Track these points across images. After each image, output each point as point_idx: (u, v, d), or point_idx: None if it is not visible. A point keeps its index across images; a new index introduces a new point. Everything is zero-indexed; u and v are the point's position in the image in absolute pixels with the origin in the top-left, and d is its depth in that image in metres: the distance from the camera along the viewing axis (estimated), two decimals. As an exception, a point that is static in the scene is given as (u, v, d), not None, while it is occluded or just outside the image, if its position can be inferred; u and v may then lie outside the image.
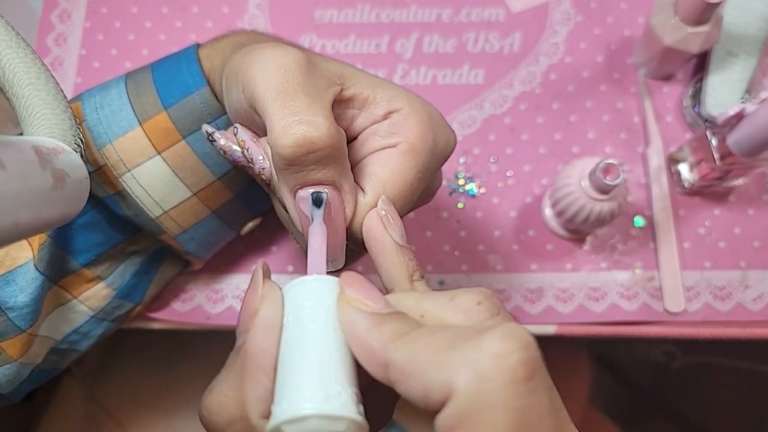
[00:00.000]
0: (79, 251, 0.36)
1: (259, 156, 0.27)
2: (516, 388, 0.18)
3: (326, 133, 0.24)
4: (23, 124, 0.26)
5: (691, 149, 0.46)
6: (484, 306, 0.22)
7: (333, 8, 0.54)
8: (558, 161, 0.49)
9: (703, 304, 0.46)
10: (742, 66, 0.48)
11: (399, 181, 0.27)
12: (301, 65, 0.25)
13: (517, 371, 0.18)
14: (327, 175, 0.25)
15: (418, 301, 0.23)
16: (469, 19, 0.53)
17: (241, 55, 0.28)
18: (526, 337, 0.19)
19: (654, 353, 0.84)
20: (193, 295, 0.46)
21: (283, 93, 0.24)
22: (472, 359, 0.18)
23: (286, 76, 0.25)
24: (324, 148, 0.24)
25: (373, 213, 0.26)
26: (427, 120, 0.28)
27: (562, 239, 0.47)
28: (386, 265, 0.26)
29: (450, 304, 0.22)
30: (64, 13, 0.54)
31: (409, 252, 0.26)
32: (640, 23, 0.52)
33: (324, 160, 0.24)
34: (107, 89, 0.34)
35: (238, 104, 0.27)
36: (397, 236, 0.26)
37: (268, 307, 0.23)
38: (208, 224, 0.37)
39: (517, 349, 0.18)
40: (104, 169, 0.33)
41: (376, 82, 0.28)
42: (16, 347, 0.34)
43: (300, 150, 0.24)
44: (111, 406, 0.54)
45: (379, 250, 0.26)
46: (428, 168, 0.28)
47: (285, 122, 0.24)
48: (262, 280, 0.24)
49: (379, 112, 0.28)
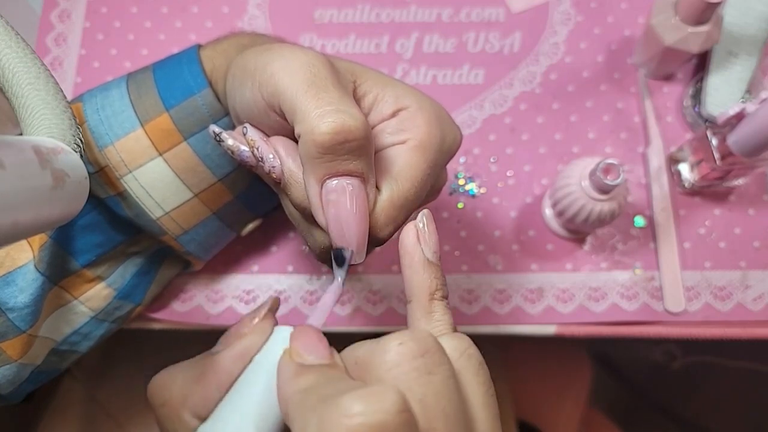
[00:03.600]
0: (79, 252, 0.36)
1: (269, 155, 0.27)
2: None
3: (362, 124, 0.24)
4: (23, 124, 0.26)
5: (692, 149, 0.46)
6: (406, 347, 0.21)
7: (333, 8, 0.54)
8: (558, 161, 0.49)
9: (704, 304, 0.45)
10: (743, 66, 0.48)
11: (410, 177, 0.27)
12: (324, 62, 0.26)
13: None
14: (358, 166, 0.25)
15: (357, 346, 0.23)
16: (469, 19, 0.53)
17: (254, 54, 0.28)
18: (389, 402, 0.18)
19: (654, 353, 0.84)
20: (193, 296, 0.46)
21: (314, 86, 0.25)
22: (324, 419, 0.18)
23: (312, 71, 0.25)
24: (359, 139, 0.24)
25: (411, 224, 0.26)
26: (435, 117, 0.28)
27: (562, 239, 0.47)
28: (410, 277, 0.26)
29: (377, 345, 0.22)
30: (63, 12, 0.54)
31: (438, 270, 0.26)
32: (641, 23, 0.52)
33: (357, 150, 0.24)
34: (108, 90, 0.34)
35: (251, 102, 0.27)
36: (429, 252, 0.26)
37: (251, 339, 0.25)
38: (208, 225, 0.37)
39: (364, 414, 0.18)
40: (105, 170, 0.33)
41: (384, 80, 0.29)
42: (16, 348, 0.34)
43: (338, 137, 0.24)
44: (111, 406, 0.54)
45: (408, 262, 0.26)
46: (436, 164, 0.28)
47: (322, 111, 0.24)
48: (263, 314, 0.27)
49: (387, 109, 0.28)
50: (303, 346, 0.23)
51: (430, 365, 0.21)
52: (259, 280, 0.47)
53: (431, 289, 0.25)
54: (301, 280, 0.47)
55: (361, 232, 0.26)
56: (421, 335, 0.22)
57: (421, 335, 0.22)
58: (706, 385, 0.85)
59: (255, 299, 0.46)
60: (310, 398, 0.20)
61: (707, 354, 0.83)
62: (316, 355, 0.23)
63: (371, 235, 0.27)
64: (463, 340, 0.24)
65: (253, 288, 0.47)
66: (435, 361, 0.21)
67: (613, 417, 0.70)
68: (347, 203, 0.25)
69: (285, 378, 0.22)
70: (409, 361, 0.21)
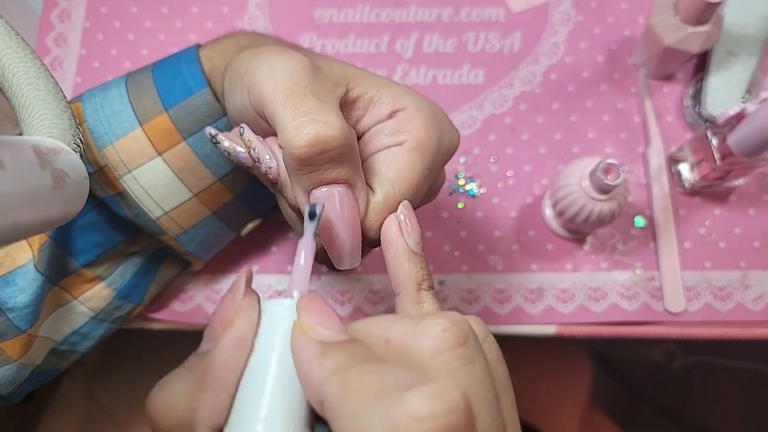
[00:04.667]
0: (79, 252, 0.36)
1: (266, 155, 0.27)
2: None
3: (339, 131, 0.24)
4: (22, 124, 0.25)
5: (692, 149, 0.46)
6: (450, 333, 0.20)
7: (333, 8, 0.54)
8: (558, 161, 0.49)
9: (704, 305, 0.45)
10: (743, 66, 0.48)
11: (406, 179, 0.27)
12: (307, 68, 0.25)
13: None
14: (341, 173, 0.25)
15: (387, 324, 0.22)
16: (469, 19, 0.53)
17: (245, 58, 0.28)
18: (455, 400, 0.18)
19: (654, 353, 0.84)
20: (193, 296, 0.46)
21: (293, 95, 0.24)
22: (390, 415, 0.17)
23: (294, 79, 0.25)
24: (338, 147, 0.24)
25: (392, 216, 0.26)
26: (432, 118, 0.28)
27: (562, 239, 0.47)
28: (396, 269, 0.26)
29: (417, 327, 0.21)
30: (63, 12, 0.54)
31: (422, 260, 0.26)
32: (641, 23, 0.52)
33: (338, 158, 0.24)
34: (107, 90, 0.34)
35: (242, 107, 0.27)
36: (412, 243, 0.26)
37: (242, 323, 0.22)
38: (208, 225, 0.37)
39: (434, 416, 0.17)
40: (105, 170, 0.33)
41: (380, 82, 0.28)
42: (15, 348, 0.34)
43: (314, 149, 0.24)
44: (111, 406, 0.54)
45: (392, 254, 0.26)
46: (434, 165, 0.28)
47: (297, 122, 0.24)
48: (243, 290, 0.23)
49: (383, 111, 0.28)
50: (318, 321, 0.21)
51: (471, 353, 0.20)
52: (259, 281, 0.47)
53: (418, 280, 0.25)
54: (301, 280, 0.47)
55: (352, 238, 0.26)
56: (459, 321, 0.21)
57: (460, 321, 0.21)
58: (706, 385, 0.85)
59: (255, 299, 0.46)
60: (358, 391, 0.18)
61: (707, 354, 0.83)
62: (332, 329, 0.21)
63: (366, 237, 0.27)
64: (483, 325, 0.23)
65: (253, 288, 0.46)
66: (475, 349, 0.21)
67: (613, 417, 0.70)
68: (335, 211, 0.25)
69: (308, 360, 0.20)
70: (453, 349, 0.20)
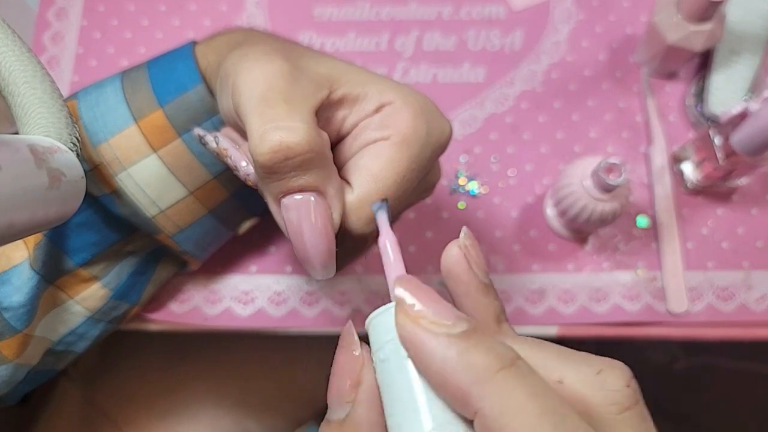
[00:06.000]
0: (74, 251, 0.36)
1: (242, 162, 0.27)
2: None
3: (304, 138, 0.23)
4: (19, 122, 0.25)
5: (694, 148, 0.45)
6: (632, 389, 0.19)
7: (332, 6, 0.53)
8: (560, 160, 0.49)
9: (706, 305, 0.45)
10: (746, 65, 0.48)
11: (392, 174, 0.26)
12: (284, 74, 0.25)
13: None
14: (309, 180, 0.24)
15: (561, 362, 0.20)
16: (470, 17, 0.53)
17: (233, 60, 0.27)
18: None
19: (656, 354, 0.84)
20: (191, 296, 0.46)
21: (263, 102, 0.24)
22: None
23: (268, 84, 0.24)
24: (302, 153, 0.23)
25: (454, 246, 0.23)
26: (420, 110, 0.27)
27: (563, 239, 0.47)
28: (471, 307, 0.23)
29: (596, 378, 0.19)
30: (60, 11, 0.54)
31: (494, 291, 0.23)
32: (643, 21, 0.52)
33: (304, 165, 0.24)
34: (103, 87, 0.34)
35: (227, 109, 0.27)
36: (482, 274, 0.23)
37: (370, 376, 0.21)
38: (204, 223, 0.37)
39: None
40: (100, 168, 0.33)
41: (366, 78, 0.28)
42: (11, 348, 0.34)
43: (277, 156, 0.23)
44: (108, 408, 0.54)
45: (463, 291, 0.23)
46: (422, 158, 0.27)
47: (263, 129, 0.23)
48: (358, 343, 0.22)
49: (370, 107, 0.27)
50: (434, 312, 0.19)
51: (646, 411, 0.20)
52: (257, 281, 0.46)
53: (496, 312, 0.23)
54: (300, 281, 0.46)
55: (323, 247, 0.25)
56: (630, 375, 0.20)
57: (630, 375, 0.20)
58: (709, 386, 0.85)
59: (253, 300, 0.46)
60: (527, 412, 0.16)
61: (710, 355, 0.82)
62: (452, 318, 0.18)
63: (352, 238, 0.26)
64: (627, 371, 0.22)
65: (252, 289, 0.46)
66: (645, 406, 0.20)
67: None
68: (304, 219, 0.25)
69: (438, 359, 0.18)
70: (635, 406, 0.19)
